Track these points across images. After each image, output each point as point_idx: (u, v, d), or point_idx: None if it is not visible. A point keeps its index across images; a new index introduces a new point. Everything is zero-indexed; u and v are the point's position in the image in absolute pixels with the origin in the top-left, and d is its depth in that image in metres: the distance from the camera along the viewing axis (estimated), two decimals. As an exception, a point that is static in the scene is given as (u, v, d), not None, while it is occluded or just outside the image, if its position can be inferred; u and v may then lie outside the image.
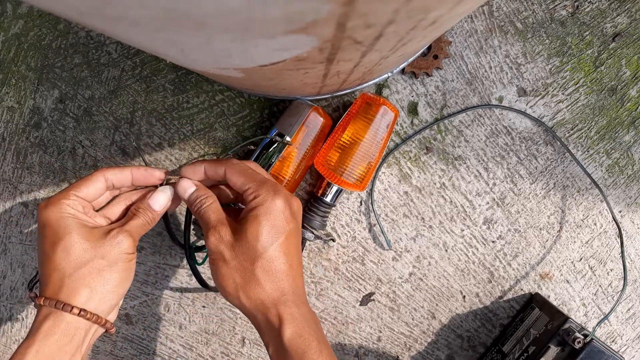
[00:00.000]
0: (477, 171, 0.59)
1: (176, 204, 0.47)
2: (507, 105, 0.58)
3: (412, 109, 0.59)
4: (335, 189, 0.56)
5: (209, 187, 0.46)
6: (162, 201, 0.45)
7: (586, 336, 0.50)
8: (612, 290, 0.61)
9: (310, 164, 0.57)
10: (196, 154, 0.60)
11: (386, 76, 0.56)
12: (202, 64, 0.37)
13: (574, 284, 0.61)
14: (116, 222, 0.45)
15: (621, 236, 0.57)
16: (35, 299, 0.41)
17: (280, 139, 0.53)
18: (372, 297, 0.62)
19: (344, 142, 0.54)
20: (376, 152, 0.55)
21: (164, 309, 0.63)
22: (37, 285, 0.43)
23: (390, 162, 0.59)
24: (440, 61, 0.57)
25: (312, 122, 0.54)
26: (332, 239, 0.59)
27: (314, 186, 0.59)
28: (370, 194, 0.60)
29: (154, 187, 0.46)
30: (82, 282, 0.40)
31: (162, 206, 0.45)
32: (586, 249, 0.61)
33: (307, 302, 0.43)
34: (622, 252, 0.57)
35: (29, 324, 0.64)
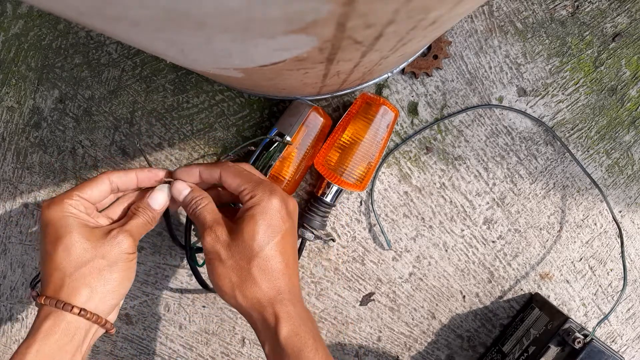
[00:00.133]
0: (477, 171, 0.59)
1: (177, 204, 0.47)
2: (507, 105, 0.58)
3: (412, 109, 0.59)
4: (335, 189, 0.56)
5: (206, 189, 0.47)
6: (161, 200, 0.45)
7: (586, 336, 0.50)
8: (612, 290, 0.61)
9: (310, 164, 0.57)
10: (196, 154, 0.60)
11: (386, 76, 0.56)
12: (202, 64, 0.37)
13: (574, 284, 0.61)
14: (117, 222, 0.45)
15: (621, 236, 0.57)
16: (36, 298, 0.41)
17: (280, 139, 0.53)
18: (372, 297, 0.62)
19: (344, 142, 0.54)
20: (376, 152, 0.55)
21: (164, 309, 0.63)
22: (39, 284, 0.43)
23: (390, 162, 0.59)
24: (440, 61, 0.57)
25: (312, 122, 0.54)
26: (332, 239, 0.59)
27: (314, 186, 0.59)
28: (370, 194, 0.60)
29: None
30: (82, 282, 0.40)
31: (161, 205, 0.45)
32: (586, 249, 0.61)
33: (302, 301, 0.43)
34: (622, 252, 0.57)
35: (29, 324, 0.64)
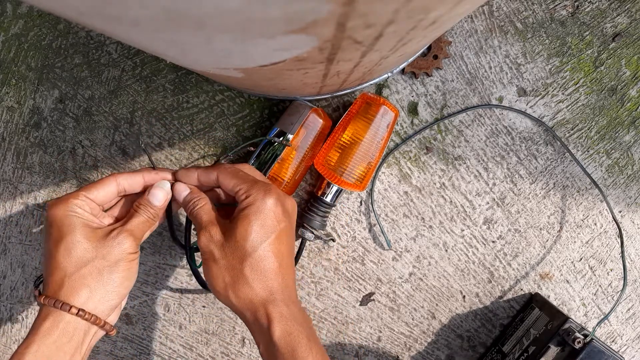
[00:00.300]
0: (477, 171, 0.59)
1: (179, 205, 0.47)
2: (507, 105, 0.58)
3: (412, 109, 0.59)
4: (335, 189, 0.56)
5: (207, 190, 0.47)
6: (160, 196, 0.45)
7: (586, 336, 0.50)
8: (612, 290, 0.61)
9: (309, 165, 0.57)
10: (196, 154, 0.60)
11: (386, 76, 0.56)
12: (202, 64, 0.37)
13: (574, 284, 0.61)
14: (120, 221, 0.45)
15: (621, 236, 0.57)
16: (37, 297, 0.41)
17: (278, 140, 0.53)
18: (372, 297, 0.62)
19: (344, 142, 0.54)
20: (376, 152, 0.55)
21: (164, 309, 0.63)
22: (42, 283, 0.43)
23: (390, 162, 0.59)
24: (440, 61, 0.57)
25: (311, 123, 0.54)
26: (332, 239, 0.59)
27: (313, 186, 0.59)
28: (370, 194, 0.60)
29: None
30: (82, 282, 0.40)
31: (161, 201, 0.45)
32: (586, 249, 0.61)
33: (297, 301, 0.43)
34: (622, 252, 0.57)
35: (29, 324, 0.64)
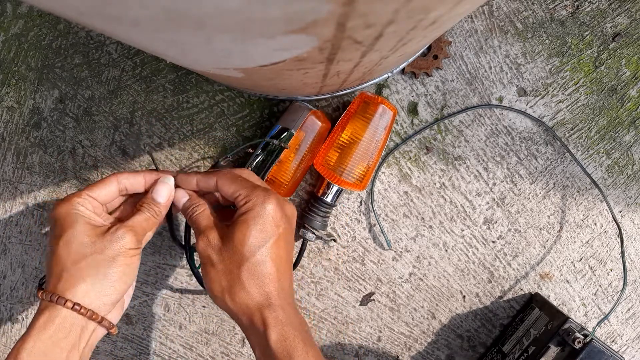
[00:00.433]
0: (477, 171, 0.59)
1: (178, 210, 0.48)
2: (507, 105, 0.58)
3: (412, 109, 0.59)
4: (335, 189, 0.56)
5: (205, 193, 0.47)
6: (165, 192, 0.45)
7: (586, 336, 0.50)
8: (612, 290, 0.61)
9: (309, 165, 0.57)
10: (196, 154, 0.60)
11: (386, 76, 0.56)
12: (202, 64, 0.37)
13: (574, 284, 0.61)
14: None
15: (621, 236, 0.57)
16: (37, 292, 0.41)
17: (277, 142, 0.53)
18: (372, 297, 0.62)
19: (343, 141, 0.54)
20: (375, 151, 0.55)
21: (164, 309, 0.63)
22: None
23: (390, 162, 0.59)
24: (440, 61, 0.57)
25: (309, 126, 0.54)
26: (334, 239, 0.59)
27: (314, 186, 0.59)
28: (370, 194, 0.60)
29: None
30: (78, 276, 0.40)
31: (165, 197, 0.45)
32: (586, 249, 0.61)
33: (294, 305, 0.43)
34: (622, 252, 0.57)
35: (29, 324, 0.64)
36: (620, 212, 0.60)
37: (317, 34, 0.26)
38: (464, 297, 0.62)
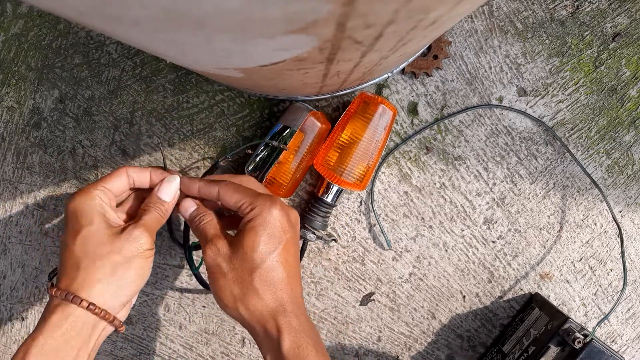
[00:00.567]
0: (477, 171, 0.59)
1: (184, 217, 0.48)
2: (507, 105, 0.58)
3: (412, 109, 0.59)
4: (335, 189, 0.56)
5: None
6: (170, 191, 0.45)
7: (586, 336, 0.50)
8: (612, 290, 0.61)
9: (308, 167, 0.57)
10: (196, 154, 0.60)
11: (386, 76, 0.56)
12: (202, 64, 0.37)
13: (574, 284, 0.61)
14: (131, 218, 0.46)
15: (621, 236, 0.57)
16: (49, 289, 0.41)
17: (276, 143, 0.53)
18: (372, 297, 0.62)
19: (342, 141, 0.54)
20: (375, 151, 0.55)
21: (164, 309, 0.63)
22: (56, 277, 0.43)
23: (390, 162, 0.59)
24: (440, 61, 0.57)
25: (309, 127, 0.54)
26: (335, 239, 0.59)
27: (314, 186, 0.59)
28: (370, 194, 0.60)
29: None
30: (95, 276, 0.40)
31: (171, 196, 0.45)
32: (586, 249, 0.61)
33: (305, 312, 0.43)
34: (622, 252, 0.57)
35: (29, 324, 0.64)
36: (620, 212, 0.60)
37: (317, 34, 0.26)
38: (464, 297, 0.62)
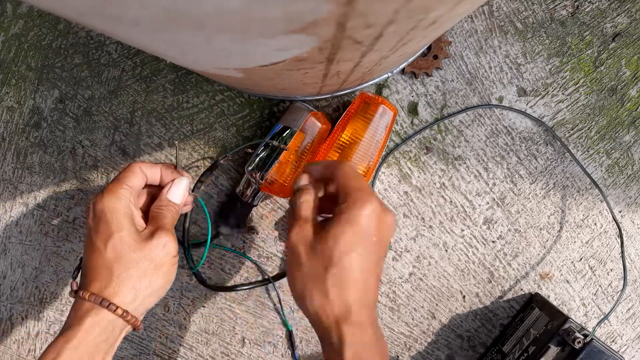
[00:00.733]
0: (477, 171, 0.59)
1: (189, 207, 0.48)
2: (507, 105, 0.58)
3: (412, 109, 0.59)
4: (335, 189, 0.56)
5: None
6: (180, 193, 0.46)
7: (586, 336, 0.50)
8: (612, 290, 0.61)
9: (309, 165, 0.57)
10: (196, 154, 0.60)
11: (386, 76, 0.56)
12: (202, 64, 0.37)
13: (574, 284, 0.61)
14: (146, 216, 0.46)
15: (621, 236, 0.57)
16: (78, 291, 0.41)
17: (276, 144, 0.53)
18: (372, 297, 0.62)
19: (343, 142, 0.54)
20: (375, 152, 0.55)
21: (164, 309, 0.63)
22: (79, 275, 0.43)
23: (390, 162, 0.59)
24: (440, 61, 0.57)
25: (309, 127, 0.54)
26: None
27: (314, 186, 0.59)
28: (370, 194, 0.60)
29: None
30: (128, 283, 0.41)
31: (180, 198, 0.46)
32: (586, 249, 0.61)
33: (375, 324, 0.39)
34: (622, 252, 0.57)
35: (29, 324, 0.64)
36: (620, 212, 0.60)
37: (317, 34, 0.26)
38: (464, 297, 0.62)
